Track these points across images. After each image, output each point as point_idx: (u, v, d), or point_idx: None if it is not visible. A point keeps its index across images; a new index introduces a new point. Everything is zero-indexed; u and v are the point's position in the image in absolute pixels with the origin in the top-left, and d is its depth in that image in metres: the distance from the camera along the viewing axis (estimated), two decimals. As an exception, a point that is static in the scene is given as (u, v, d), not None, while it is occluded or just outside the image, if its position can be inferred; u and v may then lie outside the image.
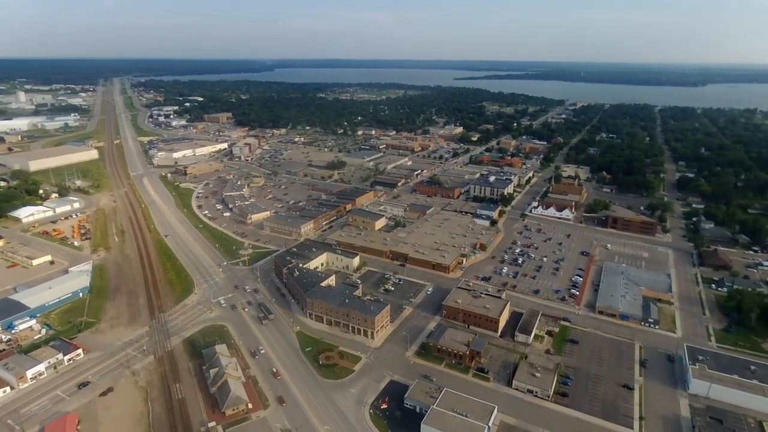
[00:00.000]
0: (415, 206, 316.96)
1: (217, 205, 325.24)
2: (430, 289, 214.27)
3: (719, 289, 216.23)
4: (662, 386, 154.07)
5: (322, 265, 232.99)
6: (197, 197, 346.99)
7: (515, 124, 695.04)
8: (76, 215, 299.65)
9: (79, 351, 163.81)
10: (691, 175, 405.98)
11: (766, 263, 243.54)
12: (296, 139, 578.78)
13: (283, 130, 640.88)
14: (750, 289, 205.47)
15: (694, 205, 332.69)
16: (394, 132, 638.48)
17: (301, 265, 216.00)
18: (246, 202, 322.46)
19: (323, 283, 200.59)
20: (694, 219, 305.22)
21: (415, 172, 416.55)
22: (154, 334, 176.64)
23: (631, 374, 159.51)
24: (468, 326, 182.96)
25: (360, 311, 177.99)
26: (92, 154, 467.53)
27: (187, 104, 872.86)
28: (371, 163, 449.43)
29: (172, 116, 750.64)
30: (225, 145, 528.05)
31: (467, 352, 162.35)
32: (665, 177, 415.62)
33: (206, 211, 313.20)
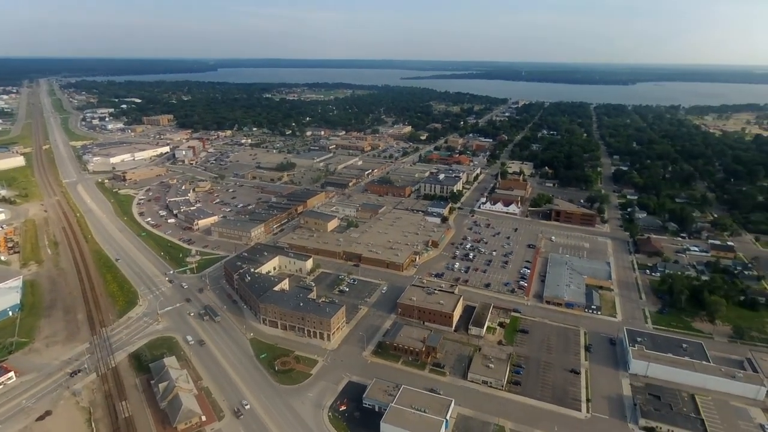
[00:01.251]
0: (367, 206, 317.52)
1: (160, 212, 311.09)
2: (385, 288, 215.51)
3: (653, 274, 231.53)
4: (606, 368, 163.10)
5: (274, 269, 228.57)
6: (138, 204, 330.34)
7: (462, 123, 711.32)
8: (2, 227, 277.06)
9: (11, 374, 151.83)
10: (624, 169, 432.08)
11: (693, 248, 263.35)
12: (243, 141, 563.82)
13: (229, 132, 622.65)
14: (680, 273, 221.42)
15: (628, 197, 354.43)
16: (344, 132, 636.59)
17: (252, 270, 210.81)
18: (192, 208, 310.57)
19: (276, 288, 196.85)
20: (629, 209, 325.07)
21: (366, 172, 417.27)
22: (96, 351, 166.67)
23: (577, 359, 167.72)
24: (423, 323, 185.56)
25: (315, 314, 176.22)
26: (18, 161, 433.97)
27: (124, 106, 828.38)
28: (321, 164, 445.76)
29: (107, 119, 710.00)
30: (167, 149, 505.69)
31: (423, 349, 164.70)
32: (602, 171, 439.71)
33: (149, 219, 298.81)
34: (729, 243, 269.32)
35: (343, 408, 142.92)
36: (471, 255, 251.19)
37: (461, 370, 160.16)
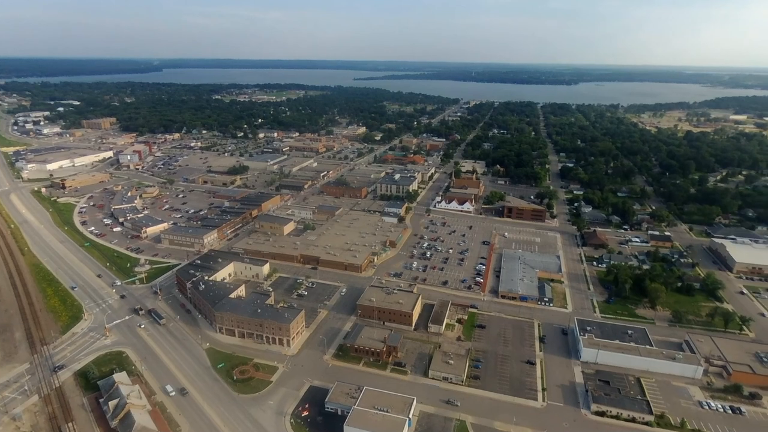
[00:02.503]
0: (324, 208, 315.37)
1: (105, 220, 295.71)
2: (344, 290, 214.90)
3: (599, 265, 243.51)
4: (559, 358, 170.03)
5: (229, 275, 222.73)
6: (80, 213, 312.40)
7: (415, 123, 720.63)
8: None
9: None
10: (571, 165, 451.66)
11: (634, 239, 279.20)
12: (192, 144, 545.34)
13: (177, 135, 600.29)
14: (623, 264, 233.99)
15: (575, 192, 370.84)
16: (297, 134, 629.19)
17: (206, 277, 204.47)
18: (139, 215, 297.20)
19: (232, 295, 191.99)
20: (576, 204, 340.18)
21: (322, 174, 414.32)
22: (37, 371, 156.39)
23: (532, 351, 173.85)
24: (383, 323, 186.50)
25: (274, 320, 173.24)
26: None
27: (61, 109, 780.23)
28: (275, 167, 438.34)
29: (42, 123, 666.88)
30: (110, 154, 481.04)
31: (384, 349, 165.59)
32: (550, 168, 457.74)
33: (92, 228, 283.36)
34: (666, 233, 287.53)
35: (305, 414, 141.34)
36: (428, 254, 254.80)
37: (422, 368, 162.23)
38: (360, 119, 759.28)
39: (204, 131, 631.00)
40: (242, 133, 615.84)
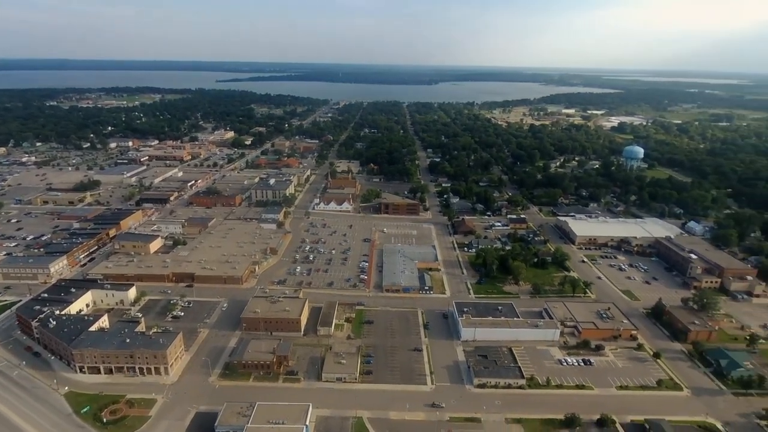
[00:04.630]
0: (195, 220, 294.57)
1: None
2: (226, 305, 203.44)
3: (469, 250, 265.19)
4: (443, 341, 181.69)
5: (87, 306, 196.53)
6: None
7: (287, 125, 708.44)
8: None
9: None
10: (437, 160, 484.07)
11: (496, 224, 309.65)
12: (24, 159, 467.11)
13: (3, 150, 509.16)
14: (489, 247, 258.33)
15: (443, 185, 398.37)
16: (157, 141, 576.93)
17: (57, 312, 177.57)
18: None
19: (93, 327, 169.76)
20: (445, 196, 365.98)
21: (189, 184, 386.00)
22: None
23: (418, 338, 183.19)
24: (271, 333, 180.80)
25: (146, 348, 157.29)
26: None
27: None
28: (133, 179, 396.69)
29: None
30: None
31: (274, 360, 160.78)
32: (419, 163, 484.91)
33: None
34: (522, 216, 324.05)
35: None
36: (311, 257, 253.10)
37: (315, 372, 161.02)
38: (227, 123, 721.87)
39: (39, 143, 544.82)
40: (89, 144, 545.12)
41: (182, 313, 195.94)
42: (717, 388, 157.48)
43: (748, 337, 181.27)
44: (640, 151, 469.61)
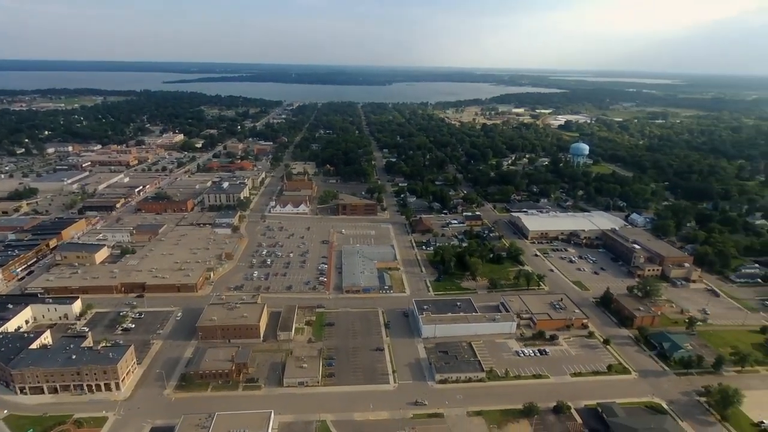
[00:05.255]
0: (144, 227, 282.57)
1: None
2: (180, 314, 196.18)
3: (427, 248, 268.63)
4: (404, 339, 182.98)
5: (27, 322, 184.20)
6: None
7: (239, 127, 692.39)
8: None
9: None
10: (394, 160, 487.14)
11: (453, 222, 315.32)
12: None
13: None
14: (447, 244, 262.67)
15: (400, 184, 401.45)
16: (100, 146, 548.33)
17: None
18: None
19: (34, 345, 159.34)
20: (402, 195, 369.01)
21: (137, 189, 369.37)
22: None
23: (380, 338, 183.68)
24: (229, 341, 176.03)
25: (95, 364, 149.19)
26: None
27: None
28: (75, 186, 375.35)
29: None
30: None
31: (233, 368, 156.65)
32: (375, 164, 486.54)
33: None
34: (477, 213, 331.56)
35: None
36: (269, 260, 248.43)
37: (276, 378, 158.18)
38: (176, 126, 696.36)
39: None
40: (23, 149, 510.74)
41: (133, 325, 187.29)
42: (661, 369, 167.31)
43: (687, 321, 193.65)
44: (585, 148, 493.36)
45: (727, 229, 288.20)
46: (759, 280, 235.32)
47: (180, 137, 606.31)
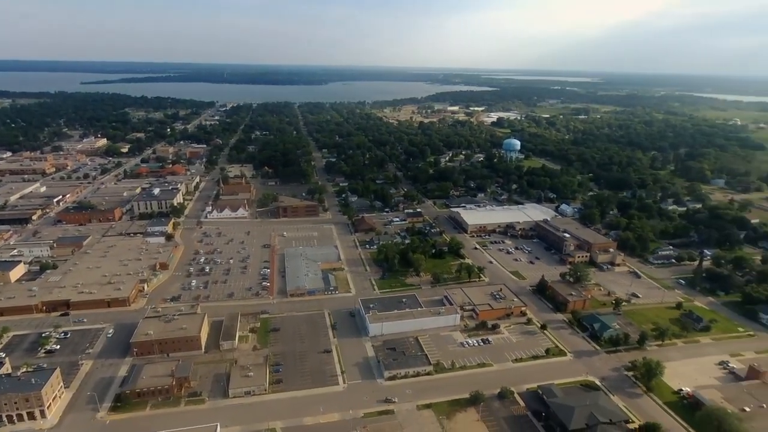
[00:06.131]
0: (66, 240, 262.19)
1: None
2: (112, 331, 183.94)
3: (371, 247, 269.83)
4: (351, 339, 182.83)
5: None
6: None
7: (169, 130, 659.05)
8: None
9: None
10: (333, 160, 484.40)
11: (395, 219, 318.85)
12: None
13: None
14: (390, 242, 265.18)
15: (341, 184, 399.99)
16: (10, 153, 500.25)
17: None
18: None
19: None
20: (343, 195, 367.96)
21: (56, 200, 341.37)
22: None
23: (327, 340, 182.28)
24: (168, 355, 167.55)
25: (15, 392, 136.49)
26: None
27: None
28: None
29: None
30: None
31: (173, 383, 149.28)
32: (315, 164, 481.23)
33: None
34: (418, 210, 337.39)
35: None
36: (207, 268, 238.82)
37: (221, 389, 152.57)
38: (98, 130, 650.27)
39: None
40: None
41: (58, 346, 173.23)
42: (593, 349, 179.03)
43: (614, 302, 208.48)
44: (517, 144, 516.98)
45: (645, 215, 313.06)
46: (673, 260, 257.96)
47: (103, 142, 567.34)
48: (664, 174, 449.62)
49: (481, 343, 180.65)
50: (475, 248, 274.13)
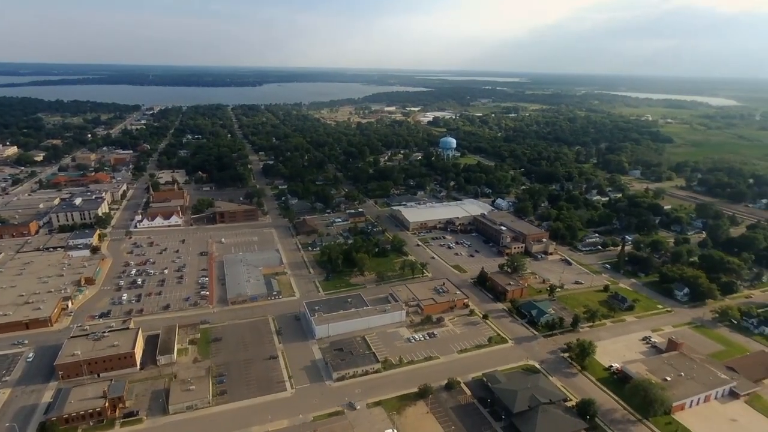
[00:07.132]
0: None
1: None
2: (32, 354, 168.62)
3: (313, 249, 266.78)
4: (298, 343, 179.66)
5: None
6: None
7: (90, 136, 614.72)
8: None
9: None
10: (271, 162, 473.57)
11: (337, 220, 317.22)
12: None
13: None
14: (333, 243, 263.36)
15: (280, 187, 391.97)
16: None
17: None
18: None
19: None
20: (283, 198, 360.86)
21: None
22: None
23: (272, 346, 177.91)
24: (98, 375, 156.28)
25: None
26: None
27: None
28: None
29: None
30: None
31: (106, 404, 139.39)
32: (252, 167, 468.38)
33: None
34: (360, 210, 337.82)
35: None
36: (139, 280, 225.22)
37: (160, 406, 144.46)
38: (6, 137, 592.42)
39: None
40: None
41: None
42: (532, 334, 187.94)
43: (548, 289, 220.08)
44: (453, 142, 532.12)
45: (572, 206, 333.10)
46: (599, 247, 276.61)
47: (13, 150, 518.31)
48: (587, 167, 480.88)
49: (427, 337, 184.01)
50: (418, 245, 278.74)
